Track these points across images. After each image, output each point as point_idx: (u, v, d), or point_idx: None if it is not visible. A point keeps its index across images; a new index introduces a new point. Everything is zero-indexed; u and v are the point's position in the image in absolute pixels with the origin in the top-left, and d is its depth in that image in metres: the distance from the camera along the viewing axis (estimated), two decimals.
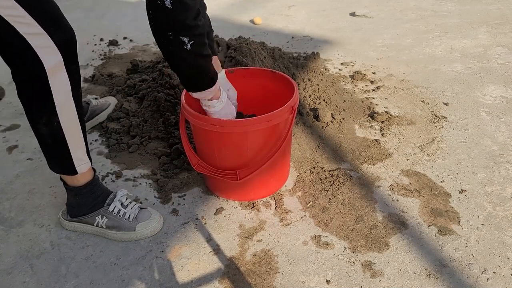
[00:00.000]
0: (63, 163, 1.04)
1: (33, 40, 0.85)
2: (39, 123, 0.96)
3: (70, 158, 1.03)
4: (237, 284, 0.99)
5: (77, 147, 1.03)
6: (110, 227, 1.12)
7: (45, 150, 1.03)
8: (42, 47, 0.86)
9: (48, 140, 0.99)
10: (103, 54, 2.35)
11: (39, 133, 0.99)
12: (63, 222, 1.16)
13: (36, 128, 0.98)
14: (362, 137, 1.50)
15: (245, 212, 1.20)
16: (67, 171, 1.06)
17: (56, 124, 0.96)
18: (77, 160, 1.04)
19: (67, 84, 0.93)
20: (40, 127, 0.97)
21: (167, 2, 0.85)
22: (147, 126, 1.56)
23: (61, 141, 0.99)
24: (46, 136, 0.98)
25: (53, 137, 0.98)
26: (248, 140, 1.07)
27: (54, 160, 1.05)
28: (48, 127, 0.96)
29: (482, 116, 1.60)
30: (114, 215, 1.12)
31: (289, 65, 1.90)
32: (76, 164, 1.05)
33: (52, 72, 0.89)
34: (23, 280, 1.02)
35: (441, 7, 2.87)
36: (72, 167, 1.05)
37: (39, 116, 0.95)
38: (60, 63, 0.90)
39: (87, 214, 1.12)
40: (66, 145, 1.00)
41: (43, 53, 0.86)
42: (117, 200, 1.14)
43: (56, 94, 0.92)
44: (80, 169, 1.06)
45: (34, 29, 0.84)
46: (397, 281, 0.98)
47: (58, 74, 0.90)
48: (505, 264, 1.01)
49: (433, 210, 1.17)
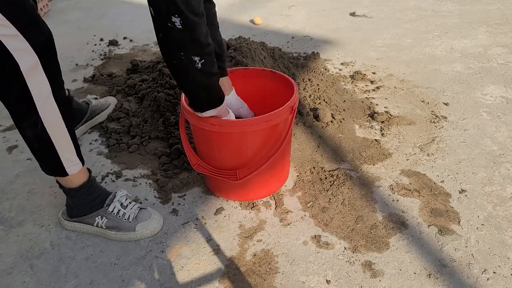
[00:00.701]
0: (52, 165, 1.04)
1: (8, 42, 0.84)
2: (23, 126, 0.96)
3: (58, 160, 1.02)
4: (237, 284, 0.99)
5: (64, 148, 1.02)
6: (110, 227, 1.12)
7: (34, 153, 1.03)
8: (18, 49, 0.85)
9: (34, 143, 0.99)
10: (103, 54, 2.35)
11: (25, 136, 0.98)
12: (63, 222, 1.16)
13: (21, 131, 0.98)
14: (362, 137, 1.50)
15: (245, 212, 1.20)
16: (57, 173, 1.06)
17: (40, 126, 0.95)
18: (67, 162, 1.04)
19: (47, 85, 0.92)
20: (25, 130, 0.96)
21: (177, 23, 0.85)
22: (147, 126, 1.56)
23: (47, 142, 0.99)
24: (32, 138, 0.98)
25: (39, 139, 0.98)
26: (248, 140, 1.07)
27: (44, 162, 1.05)
28: (32, 129, 0.96)
29: (482, 116, 1.60)
30: (114, 215, 1.12)
31: (289, 65, 1.90)
32: (66, 165, 1.04)
33: (28, 74, 0.88)
34: (23, 280, 1.02)
35: (441, 7, 2.87)
36: (62, 168, 1.04)
37: (22, 118, 0.95)
38: (36, 64, 0.89)
39: (86, 214, 1.12)
40: (52, 146, 1.00)
41: (19, 55, 0.86)
42: (116, 201, 1.14)
43: (35, 95, 0.91)
44: (70, 170, 1.05)
45: (9, 30, 0.84)
46: (397, 281, 0.98)
47: (36, 76, 0.90)
48: (505, 264, 1.01)
49: (433, 210, 1.17)
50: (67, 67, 2.19)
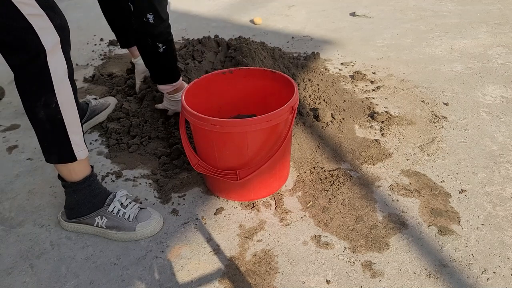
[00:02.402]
0: (62, 149, 1.04)
1: (34, 21, 0.88)
2: (37, 106, 0.97)
3: (69, 143, 1.03)
4: (237, 284, 0.99)
5: (75, 131, 1.03)
6: (110, 227, 1.12)
7: (44, 137, 1.03)
8: (43, 28, 0.90)
9: (46, 125, 1.00)
10: (103, 54, 2.35)
11: (38, 118, 0.99)
12: (63, 223, 1.15)
13: (34, 113, 0.98)
14: (362, 137, 1.50)
15: (245, 212, 1.20)
16: (66, 157, 1.05)
17: (55, 105, 0.97)
18: (76, 146, 1.04)
19: (64, 64, 0.97)
20: (39, 110, 0.97)
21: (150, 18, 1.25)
22: (147, 126, 1.56)
23: (59, 124, 1.00)
24: (45, 120, 0.99)
25: (52, 120, 0.99)
26: (248, 140, 1.07)
27: (52, 148, 1.04)
28: (47, 109, 0.97)
29: (482, 116, 1.60)
30: (114, 215, 1.12)
31: (289, 65, 1.90)
32: (75, 149, 1.04)
33: (51, 52, 0.92)
34: (23, 280, 1.02)
35: (441, 7, 2.87)
36: (71, 152, 1.04)
37: (37, 98, 0.96)
38: (58, 44, 0.94)
39: (86, 215, 1.12)
40: (64, 128, 1.01)
41: (44, 34, 0.90)
42: (116, 201, 1.14)
43: (54, 74, 0.95)
44: (78, 155, 1.05)
45: (36, 10, 0.88)
46: (397, 281, 0.98)
47: (56, 55, 0.94)
48: (505, 264, 1.01)
49: (433, 210, 1.17)
50: None
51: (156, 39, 1.30)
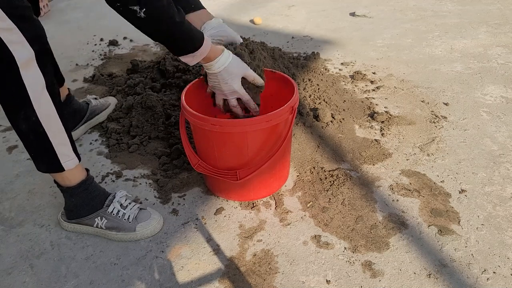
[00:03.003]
0: (48, 159, 1.03)
1: (4, 35, 0.86)
2: (18, 119, 0.96)
3: (54, 154, 1.02)
4: (237, 284, 0.99)
5: (60, 142, 1.02)
6: (110, 228, 1.12)
7: (29, 149, 1.03)
8: (14, 43, 0.87)
9: (30, 136, 0.99)
10: (103, 54, 2.35)
11: (20, 130, 0.99)
12: (63, 223, 1.15)
13: (16, 126, 0.98)
14: (362, 137, 1.50)
15: (245, 212, 1.20)
16: (53, 168, 1.05)
17: (35, 118, 0.96)
18: (62, 156, 1.04)
19: (41, 78, 0.94)
20: (20, 123, 0.97)
21: None
22: (147, 126, 1.56)
23: (42, 135, 0.99)
24: (27, 132, 0.98)
25: (34, 133, 0.98)
26: (248, 140, 1.07)
27: (39, 158, 1.04)
28: (27, 122, 0.96)
29: (482, 116, 1.60)
30: (114, 216, 1.12)
31: (289, 65, 1.90)
32: (62, 160, 1.04)
33: (24, 67, 0.90)
34: (23, 280, 1.02)
35: (441, 7, 2.87)
36: (58, 163, 1.04)
37: (16, 112, 0.96)
38: (32, 57, 0.91)
39: (85, 216, 1.12)
40: (48, 140, 1.00)
41: (15, 49, 0.87)
42: (116, 201, 1.14)
43: (30, 88, 0.92)
44: (66, 165, 1.05)
45: (5, 24, 0.85)
46: (397, 281, 0.98)
47: (30, 69, 0.91)
48: (505, 264, 1.01)
49: (433, 210, 1.17)
50: (67, 67, 2.19)
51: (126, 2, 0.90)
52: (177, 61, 1.89)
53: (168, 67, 1.87)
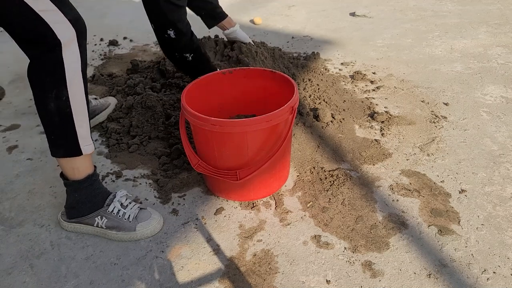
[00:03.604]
0: (69, 142, 1.04)
1: (47, 16, 0.90)
2: (48, 97, 0.98)
3: (75, 137, 1.03)
4: (237, 284, 0.99)
5: (82, 125, 1.04)
6: (110, 227, 1.12)
7: (51, 130, 1.04)
8: (56, 22, 0.91)
9: (55, 118, 1.00)
10: (103, 54, 2.35)
11: (47, 110, 1.00)
12: (63, 223, 1.15)
13: (44, 105, 0.99)
14: (362, 137, 1.50)
15: (245, 212, 1.20)
16: (72, 151, 1.05)
17: (65, 98, 0.98)
18: (82, 140, 1.05)
19: (78, 59, 0.98)
20: (49, 102, 0.98)
21: (171, 34, 1.35)
22: (147, 126, 1.56)
23: (68, 117, 1.01)
24: (54, 112, 0.99)
25: (61, 113, 1.00)
26: (248, 140, 1.07)
27: (59, 140, 1.05)
28: (57, 101, 0.98)
29: (482, 116, 1.60)
30: (114, 215, 1.12)
31: (289, 65, 1.90)
32: (81, 143, 1.05)
33: (66, 46, 0.94)
34: (23, 280, 1.02)
35: (441, 7, 2.87)
36: (78, 146, 1.05)
37: (49, 90, 0.97)
38: (73, 37, 0.95)
39: (86, 215, 1.12)
40: (72, 122, 1.02)
41: (58, 28, 0.92)
42: (116, 201, 1.14)
43: (67, 67, 0.96)
44: (85, 150, 1.06)
45: (47, 5, 0.90)
46: (397, 281, 0.98)
47: (70, 48, 0.95)
48: (505, 264, 1.01)
49: (433, 210, 1.17)
50: None
51: (182, 51, 1.40)
52: None
53: (168, 67, 1.87)
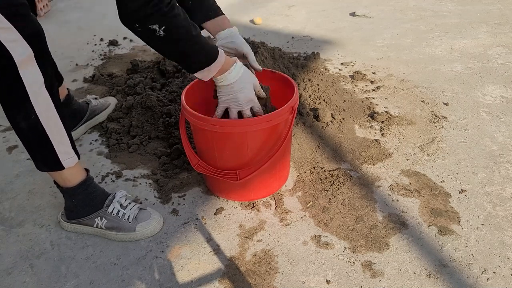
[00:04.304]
0: (48, 158, 1.03)
1: (1, 34, 0.86)
2: (17, 118, 0.97)
3: (54, 152, 1.02)
4: (237, 284, 0.99)
5: (59, 140, 1.02)
6: (110, 228, 1.12)
7: (29, 148, 1.03)
8: (11, 41, 0.88)
9: (29, 135, 0.99)
10: (103, 54, 2.35)
11: (19, 129, 0.99)
12: (63, 223, 1.15)
13: (16, 124, 0.98)
14: (362, 137, 1.50)
15: (245, 212, 1.20)
16: (53, 166, 1.05)
17: (34, 116, 0.96)
18: (62, 154, 1.04)
19: (39, 76, 0.94)
20: (19, 121, 0.97)
21: None
22: (147, 126, 1.56)
23: (42, 134, 0.99)
24: (26, 130, 0.98)
25: (33, 131, 0.98)
26: (248, 140, 1.07)
27: (39, 156, 1.04)
28: (26, 121, 0.97)
29: (482, 116, 1.60)
30: (114, 216, 1.12)
31: (289, 65, 1.90)
32: (61, 158, 1.04)
33: (22, 65, 0.90)
34: (23, 280, 1.02)
35: (441, 7, 2.87)
36: (58, 162, 1.04)
37: (16, 111, 0.96)
38: (30, 55, 0.91)
39: (85, 216, 1.12)
40: (47, 138, 1.00)
41: (12, 47, 0.88)
42: (116, 201, 1.14)
43: (28, 86, 0.93)
44: (66, 163, 1.05)
45: (1, 23, 0.86)
46: (397, 281, 0.98)
47: (29, 67, 0.92)
48: (505, 264, 1.01)
49: (433, 210, 1.17)
50: (67, 67, 2.19)
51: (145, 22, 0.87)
52: None
53: (168, 67, 1.87)
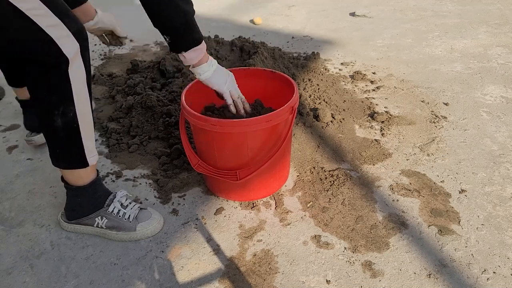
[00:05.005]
0: (75, 156, 1.03)
1: (53, 32, 0.87)
2: (54, 115, 0.96)
3: (82, 150, 1.02)
4: (237, 284, 0.99)
5: (89, 137, 1.03)
6: (110, 227, 1.12)
7: (56, 145, 1.02)
8: (62, 37, 0.88)
9: (61, 133, 0.99)
10: (103, 54, 2.35)
11: (53, 127, 0.98)
12: (63, 224, 1.15)
13: (50, 121, 0.97)
14: (362, 137, 1.50)
15: (245, 212, 1.20)
16: (79, 163, 1.05)
17: (72, 114, 0.97)
18: (89, 152, 1.04)
19: (83, 72, 0.95)
20: (56, 119, 0.96)
21: None
22: (147, 126, 1.56)
23: (75, 132, 0.99)
24: (60, 128, 0.98)
25: (68, 129, 0.98)
26: (248, 140, 1.07)
27: (66, 154, 1.04)
28: (63, 118, 0.96)
29: (482, 116, 1.60)
30: (114, 215, 1.12)
31: (289, 65, 1.90)
32: (88, 155, 1.04)
33: (72, 62, 0.91)
34: (23, 280, 1.02)
35: (441, 7, 2.87)
36: (84, 159, 1.04)
37: (55, 107, 0.95)
38: (78, 51, 0.92)
39: (86, 216, 1.12)
40: (79, 136, 1.00)
41: (64, 43, 0.89)
42: (116, 201, 1.14)
43: (74, 83, 0.94)
44: (91, 161, 1.05)
45: (52, 20, 0.87)
46: (397, 281, 0.98)
47: (76, 63, 0.93)
48: (505, 264, 1.01)
49: (433, 210, 1.17)
50: None
51: None
52: (177, 61, 1.89)
53: (168, 67, 1.87)
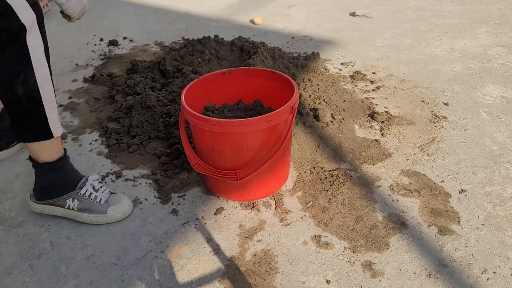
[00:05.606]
0: (39, 126, 1.05)
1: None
2: (16, 83, 0.98)
3: (45, 120, 1.04)
4: (237, 284, 0.99)
5: (51, 108, 1.05)
6: (81, 209, 1.14)
7: (20, 116, 1.04)
8: (20, 6, 0.91)
9: (24, 103, 1.01)
10: (103, 54, 2.35)
11: (15, 96, 0.99)
12: (31, 204, 1.16)
13: (12, 91, 0.99)
14: (362, 137, 1.50)
15: (245, 212, 1.20)
16: (43, 135, 1.06)
17: (33, 82, 0.99)
18: (52, 123, 1.06)
19: (41, 43, 0.99)
20: (17, 88, 0.98)
21: None
22: (147, 126, 1.56)
23: (37, 101, 1.01)
24: (23, 97, 1.00)
25: (30, 98, 1.00)
26: (248, 140, 1.07)
27: (29, 125, 1.05)
28: (25, 86, 0.98)
29: (482, 116, 1.60)
30: (86, 198, 1.14)
31: (289, 65, 1.90)
32: (52, 126, 1.06)
33: (30, 30, 0.94)
34: (23, 280, 1.02)
35: (441, 7, 2.87)
36: (48, 129, 1.06)
37: (16, 76, 0.97)
38: (34, 22, 0.95)
39: (58, 197, 1.13)
40: (41, 105, 1.02)
41: (21, 11, 0.91)
42: (89, 184, 1.16)
43: (32, 51, 0.96)
44: (56, 132, 1.07)
45: None
46: (397, 281, 0.98)
47: (33, 32, 0.95)
48: (505, 264, 1.01)
49: (433, 210, 1.17)
50: (67, 67, 2.19)
51: None
52: (177, 61, 1.89)
53: (168, 67, 1.87)
